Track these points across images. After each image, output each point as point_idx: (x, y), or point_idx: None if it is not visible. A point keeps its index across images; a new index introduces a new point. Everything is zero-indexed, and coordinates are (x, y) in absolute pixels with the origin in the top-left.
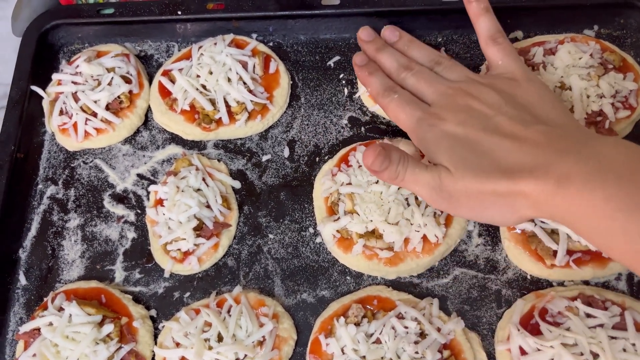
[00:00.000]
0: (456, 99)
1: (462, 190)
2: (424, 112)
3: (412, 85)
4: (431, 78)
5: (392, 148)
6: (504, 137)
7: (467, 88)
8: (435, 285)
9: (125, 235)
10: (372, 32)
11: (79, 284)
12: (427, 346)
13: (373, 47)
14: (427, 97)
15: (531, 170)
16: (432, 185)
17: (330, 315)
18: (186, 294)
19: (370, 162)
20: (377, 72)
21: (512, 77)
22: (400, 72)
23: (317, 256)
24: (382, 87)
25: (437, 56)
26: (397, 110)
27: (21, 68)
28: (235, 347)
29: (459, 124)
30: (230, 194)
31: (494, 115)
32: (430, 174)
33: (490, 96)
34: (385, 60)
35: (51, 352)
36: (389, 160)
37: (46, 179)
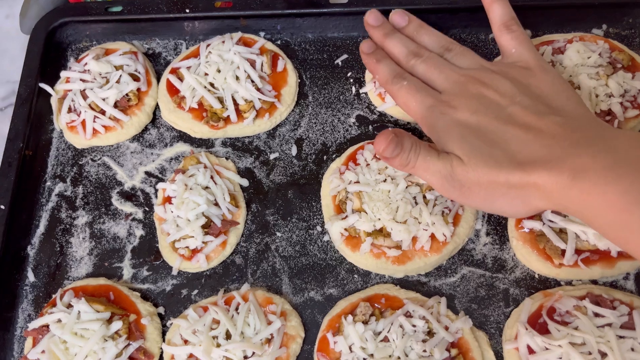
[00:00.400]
0: (468, 87)
1: (474, 180)
2: (435, 99)
3: (422, 72)
4: (442, 65)
5: (404, 134)
6: (518, 128)
7: (480, 76)
8: (443, 284)
9: (133, 232)
10: (381, 15)
11: (87, 281)
12: (435, 345)
13: (381, 33)
14: (437, 85)
15: (545, 162)
16: (443, 174)
17: (338, 314)
18: (194, 292)
19: (382, 149)
20: (385, 59)
21: (526, 66)
22: (410, 59)
23: (324, 254)
24: (391, 74)
25: (447, 42)
26: (407, 97)
27: (29, 65)
28: (243, 344)
29: (471, 112)
30: (238, 192)
31: (507, 104)
32: (442, 162)
33: (504, 85)
34: (394, 46)
35: (60, 349)
36: (401, 147)
37: (54, 176)
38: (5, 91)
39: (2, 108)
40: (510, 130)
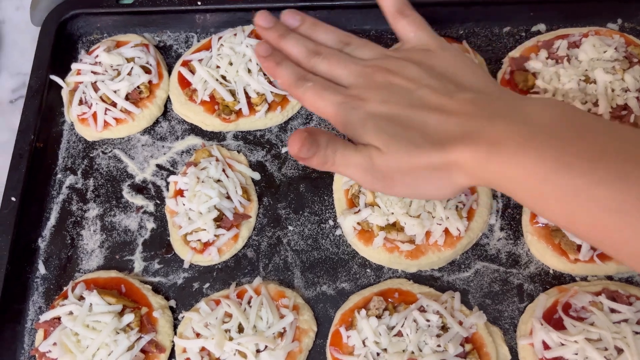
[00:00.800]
0: (375, 77)
1: (395, 168)
2: (343, 95)
3: (325, 70)
4: (344, 59)
5: (319, 132)
6: (431, 110)
7: (384, 64)
8: (457, 279)
9: (144, 225)
10: (271, 17)
11: (98, 273)
12: (449, 339)
13: (275, 34)
14: (343, 80)
15: (462, 139)
16: (364, 167)
17: (351, 308)
18: (205, 285)
19: (296, 150)
20: (285, 62)
21: (427, 48)
22: (310, 58)
23: (336, 248)
24: (294, 77)
25: (345, 36)
26: (315, 98)
27: (40, 57)
28: (256, 338)
29: (382, 102)
30: (250, 186)
31: (416, 88)
32: (361, 154)
33: (409, 69)
34: (292, 47)
35: (72, 341)
36: (317, 145)
37: (65, 168)
38: (16, 83)
39: (13, 100)
40: (424, 114)
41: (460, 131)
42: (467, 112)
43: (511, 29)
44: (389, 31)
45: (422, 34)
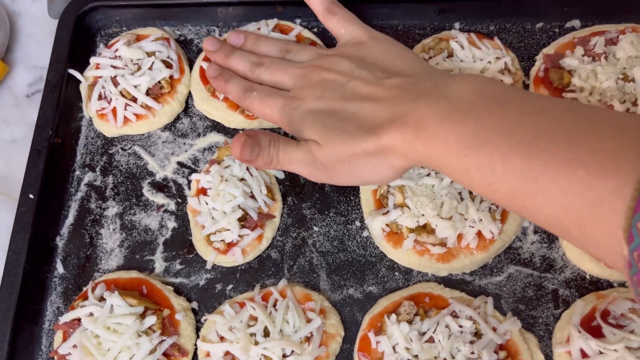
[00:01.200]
0: (311, 77)
1: (334, 158)
2: (284, 98)
3: (268, 78)
4: (284, 65)
5: (259, 133)
6: (363, 99)
7: (319, 63)
8: (489, 283)
9: (165, 224)
10: (216, 40)
11: (119, 273)
12: (483, 346)
13: (221, 55)
14: (285, 85)
15: (391, 122)
16: (306, 161)
17: (380, 312)
18: (228, 287)
19: (239, 153)
20: (232, 78)
21: (359, 41)
22: (254, 70)
23: (364, 250)
24: (241, 90)
25: (285, 45)
26: (261, 105)
27: (58, 51)
28: (282, 342)
29: (318, 98)
30: (274, 185)
31: (347, 81)
32: (301, 149)
33: (341, 64)
34: (237, 63)
35: (92, 344)
36: (259, 146)
37: (83, 165)
38: (33, 77)
39: (29, 95)
40: (356, 104)
41: (389, 115)
42: (395, 97)
43: (544, 25)
44: (417, 26)
45: (353, 28)
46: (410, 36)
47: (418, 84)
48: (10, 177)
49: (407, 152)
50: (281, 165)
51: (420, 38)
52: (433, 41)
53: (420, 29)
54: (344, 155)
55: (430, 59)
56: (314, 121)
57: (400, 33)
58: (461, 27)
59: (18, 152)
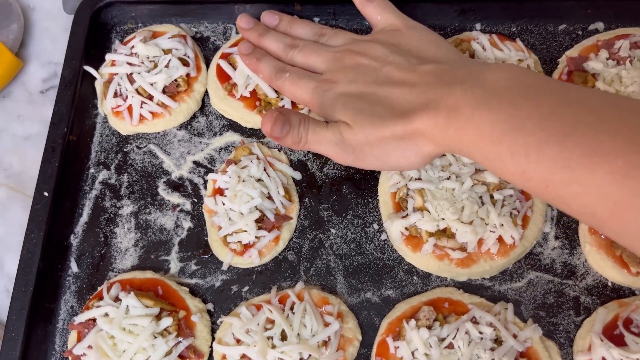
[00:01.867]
0: (345, 61)
1: (364, 141)
2: (317, 81)
3: (301, 61)
4: (318, 49)
5: (290, 111)
6: (396, 84)
7: (353, 48)
8: (508, 289)
9: (180, 224)
10: (251, 18)
11: (134, 273)
12: (503, 353)
13: (255, 34)
14: (318, 68)
15: (423, 107)
16: (335, 142)
17: (398, 317)
18: (244, 288)
19: (269, 129)
20: (265, 57)
21: (394, 28)
22: (288, 52)
23: (381, 254)
24: (274, 70)
25: (320, 28)
26: (292, 87)
27: (74, 47)
28: (300, 346)
29: (350, 82)
30: (291, 186)
31: (381, 66)
32: (331, 130)
33: (376, 49)
34: (270, 43)
35: (108, 345)
36: (289, 124)
37: (98, 163)
38: (47, 73)
39: (44, 90)
40: (388, 88)
41: (421, 100)
42: (428, 82)
43: (567, 27)
44: (438, 26)
45: (389, 15)
46: None
47: (452, 71)
48: (24, 174)
49: (437, 137)
50: (309, 145)
51: None
52: (454, 42)
53: (441, 29)
54: (373, 138)
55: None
56: (345, 103)
57: None
58: (482, 28)
59: (32, 149)
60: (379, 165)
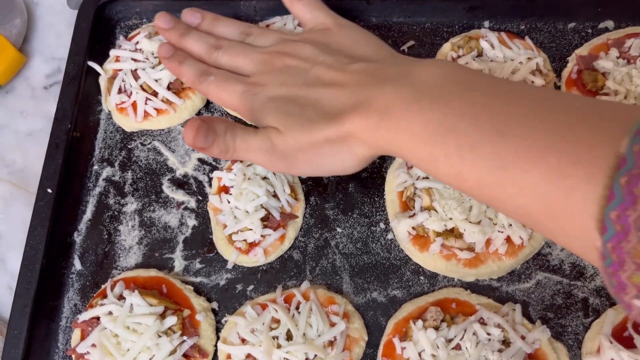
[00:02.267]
0: (273, 62)
1: (295, 146)
2: (244, 84)
3: (227, 62)
4: (244, 50)
5: (215, 119)
6: (326, 85)
7: (282, 48)
8: (516, 290)
9: (185, 222)
10: (171, 17)
11: (138, 272)
12: (511, 355)
13: (176, 34)
14: (245, 70)
15: (354, 108)
16: (264, 149)
17: (405, 317)
18: (249, 287)
19: (192, 139)
20: (187, 60)
21: (324, 27)
22: (212, 53)
23: (388, 253)
24: (197, 73)
25: (246, 27)
26: (218, 91)
27: (77, 42)
28: (306, 347)
29: (279, 85)
30: (297, 184)
31: (311, 67)
32: (260, 137)
33: (305, 50)
34: (193, 44)
35: (112, 343)
36: (215, 133)
37: (102, 160)
38: (51, 68)
39: (47, 86)
40: (319, 90)
41: (352, 101)
42: (359, 82)
43: (576, 25)
44: (445, 23)
45: (318, 13)
46: (438, 34)
47: (383, 69)
48: (27, 171)
49: (370, 139)
50: (238, 154)
51: (448, 36)
52: (462, 40)
53: (449, 26)
54: (304, 143)
55: (459, 58)
56: (274, 108)
57: (427, 30)
58: (490, 26)
59: (35, 145)
60: (312, 170)
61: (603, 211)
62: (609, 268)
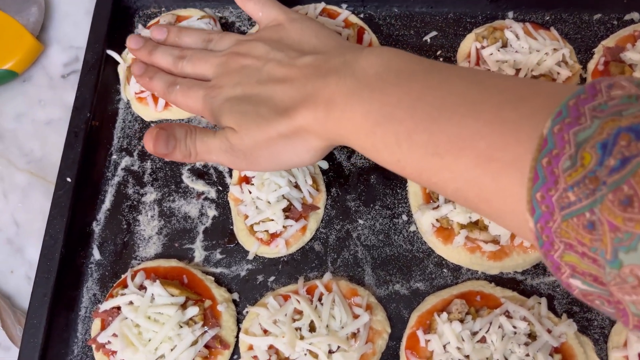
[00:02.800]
0: (229, 64)
1: (252, 144)
2: (205, 88)
3: (191, 70)
4: (205, 56)
5: (174, 125)
6: (278, 82)
7: (237, 49)
8: (541, 283)
9: (205, 212)
10: (139, 38)
11: (158, 262)
12: (538, 348)
13: (145, 52)
14: (207, 75)
15: (303, 102)
16: (224, 149)
17: (429, 310)
18: (270, 278)
19: (152, 147)
20: (156, 74)
21: (277, 23)
22: (177, 63)
23: (410, 245)
24: (165, 85)
25: (207, 34)
26: (183, 98)
27: (96, 31)
28: (329, 338)
29: (235, 85)
30: (318, 175)
31: (263, 65)
32: (218, 138)
33: (257, 48)
34: (160, 59)
35: (133, 333)
36: (175, 138)
37: (120, 149)
38: (68, 57)
39: (65, 75)
40: (271, 87)
41: (301, 95)
42: (306, 75)
43: (602, 17)
44: (469, 14)
45: (270, 10)
46: (461, 24)
47: (329, 60)
48: (45, 160)
49: (321, 131)
50: (200, 157)
51: (471, 27)
52: (487, 30)
53: (472, 17)
54: (260, 140)
55: (483, 49)
56: (230, 108)
57: (450, 21)
58: (514, 17)
59: (53, 134)
60: (272, 166)
61: (530, 192)
62: (542, 248)
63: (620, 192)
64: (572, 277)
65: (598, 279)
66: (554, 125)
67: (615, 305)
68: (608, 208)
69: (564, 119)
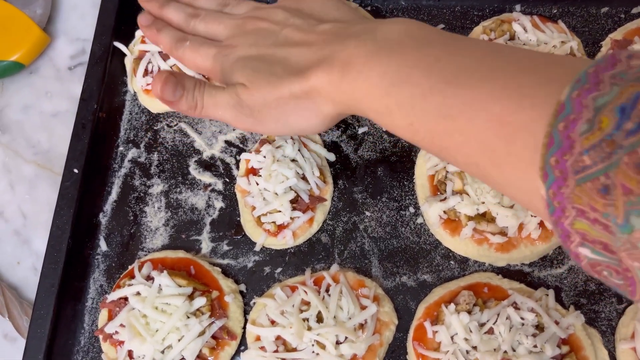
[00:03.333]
0: (246, 26)
1: (261, 101)
2: (217, 47)
3: (203, 29)
4: (221, 17)
5: (184, 75)
6: (294, 45)
7: (255, 14)
8: (548, 275)
9: (212, 204)
10: None
11: (165, 253)
12: (545, 340)
13: (156, 5)
14: (219, 35)
15: (319, 63)
16: (232, 104)
17: (436, 301)
18: (277, 270)
19: (159, 90)
20: (165, 28)
21: None
22: (189, 21)
23: (417, 237)
24: (173, 40)
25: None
26: (192, 55)
27: (103, 23)
28: (337, 329)
29: (250, 45)
30: (325, 167)
31: (281, 29)
32: (227, 92)
33: (277, 14)
34: (172, 14)
35: (140, 324)
36: (183, 87)
37: (127, 141)
38: (75, 49)
39: (72, 67)
40: (287, 49)
41: (317, 57)
42: (325, 40)
43: (609, 10)
44: (476, 7)
45: None
46: (468, 17)
47: (349, 27)
48: (52, 151)
49: (333, 94)
50: (206, 110)
51: (479, 20)
52: (494, 23)
53: (479, 10)
54: (270, 98)
55: (491, 41)
56: (243, 65)
57: (457, 14)
58: (522, 10)
59: (60, 126)
60: (279, 128)
61: (544, 158)
62: (553, 216)
63: (636, 155)
64: (581, 246)
65: (608, 246)
66: (573, 91)
67: (623, 275)
68: (623, 171)
69: (582, 85)
